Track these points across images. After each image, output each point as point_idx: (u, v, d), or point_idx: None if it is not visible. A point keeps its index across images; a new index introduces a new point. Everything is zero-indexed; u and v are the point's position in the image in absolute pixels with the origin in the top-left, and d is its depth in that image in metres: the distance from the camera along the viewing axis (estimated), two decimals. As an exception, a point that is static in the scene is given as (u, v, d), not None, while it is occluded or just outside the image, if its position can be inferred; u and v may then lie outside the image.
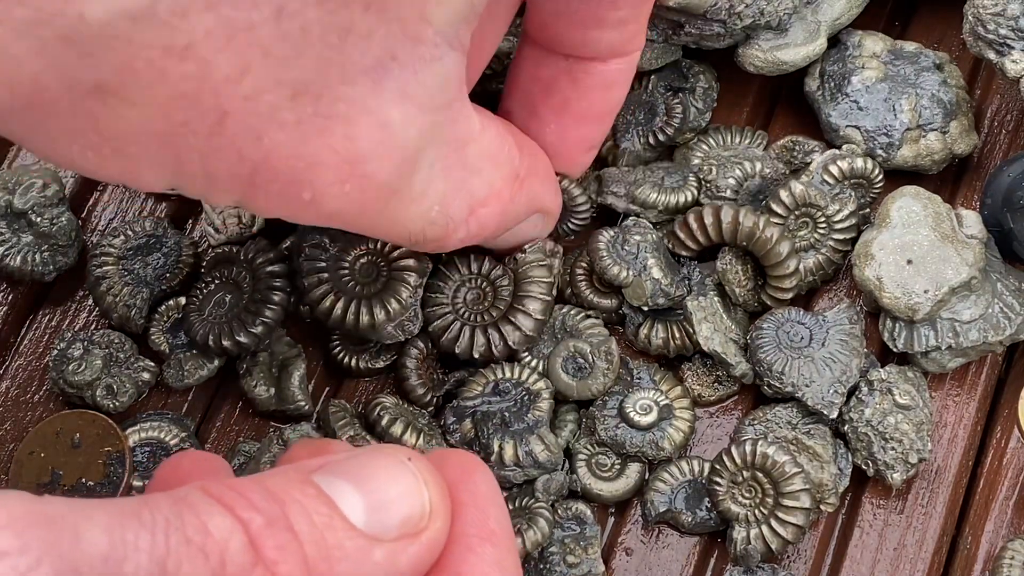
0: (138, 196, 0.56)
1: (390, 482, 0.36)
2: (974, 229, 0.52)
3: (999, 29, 0.52)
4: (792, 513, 0.49)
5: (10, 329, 0.54)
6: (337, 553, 0.34)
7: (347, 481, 0.36)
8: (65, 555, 0.30)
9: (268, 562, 0.33)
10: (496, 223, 0.47)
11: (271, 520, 0.33)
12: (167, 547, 0.31)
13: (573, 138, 0.49)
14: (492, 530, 0.37)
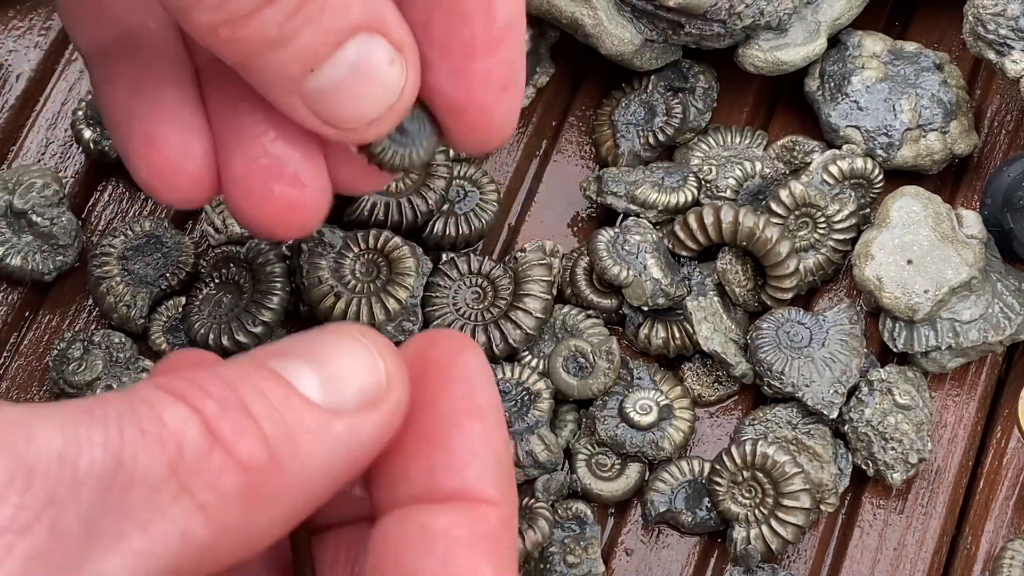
0: (138, 196, 0.56)
1: (344, 356, 0.36)
2: (974, 229, 0.52)
3: (999, 29, 0.52)
4: (792, 513, 0.49)
5: (10, 329, 0.54)
6: (297, 428, 0.34)
7: (300, 360, 0.35)
8: (20, 455, 0.30)
9: (226, 444, 0.33)
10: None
11: (225, 405, 0.33)
12: (121, 439, 0.31)
13: (471, 78, 0.41)
14: (480, 406, 0.37)
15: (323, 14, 0.37)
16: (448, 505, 0.36)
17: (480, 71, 0.40)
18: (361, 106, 0.39)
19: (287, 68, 0.38)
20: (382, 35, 0.38)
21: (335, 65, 0.38)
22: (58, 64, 0.58)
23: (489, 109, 0.41)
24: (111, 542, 0.31)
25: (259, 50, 0.37)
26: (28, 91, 0.58)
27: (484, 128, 0.42)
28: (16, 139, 0.57)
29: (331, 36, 0.37)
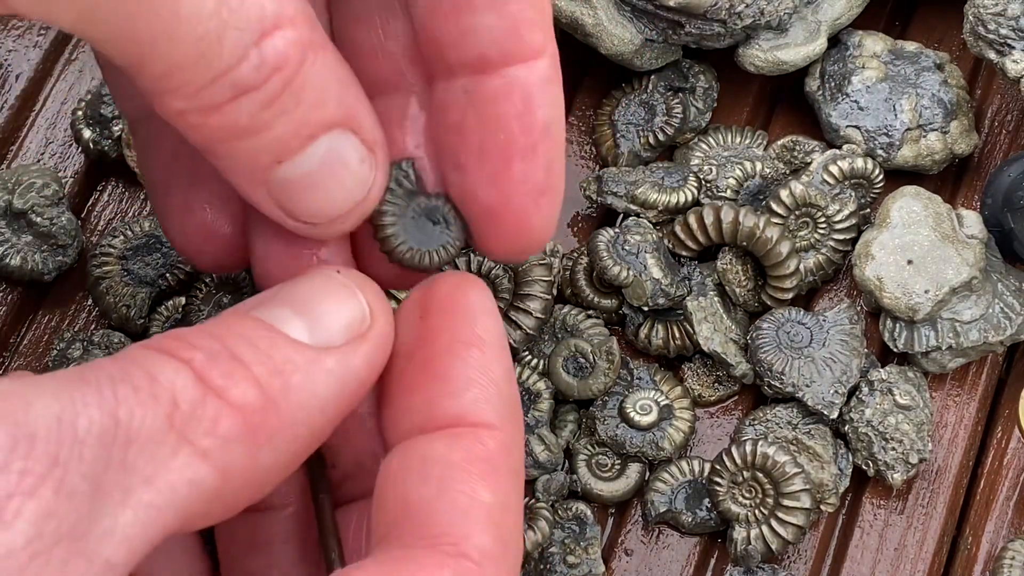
0: (137, 196, 0.56)
1: (324, 296, 0.36)
2: (974, 229, 0.52)
3: (1000, 29, 0.52)
4: (792, 513, 0.49)
5: (9, 329, 0.54)
6: (288, 367, 0.35)
7: (282, 306, 0.36)
8: (20, 422, 0.31)
9: (218, 390, 0.33)
10: (294, 68, 0.36)
11: (213, 354, 0.34)
12: (116, 399, 0.32)
13: (507, 183, 0.39)
14: (479, 336, 0.37)
15: (298, 107, 0.36)
16: (445, 432, 0.37)
17: (517, 175, 0.39)
18: (327, 202, 0.38)
19: (255, 157, 0.37)
20: (354, 133, 0.37)
21: (304, 158, 0.37)
22: (57, 64, 0.58)
23: (526, 215, 0.40)
24: (120, 498, 0.32)
25: (228, 137, 0.36)
26: (27, 91, 0.58)
27: (519, 235, 0.40)
28: (16, 139, 0.57)
29: (304, 129, 0.37)
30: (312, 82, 0.36)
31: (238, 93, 0.35)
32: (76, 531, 0.31)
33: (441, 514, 0.35)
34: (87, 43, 0.54)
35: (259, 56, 0.35)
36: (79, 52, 0.58)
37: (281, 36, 0.35)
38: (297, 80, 0.36)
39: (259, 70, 0.35)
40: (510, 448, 0.37)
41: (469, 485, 0.36)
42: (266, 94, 0.36)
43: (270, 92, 0.36)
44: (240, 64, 0.35)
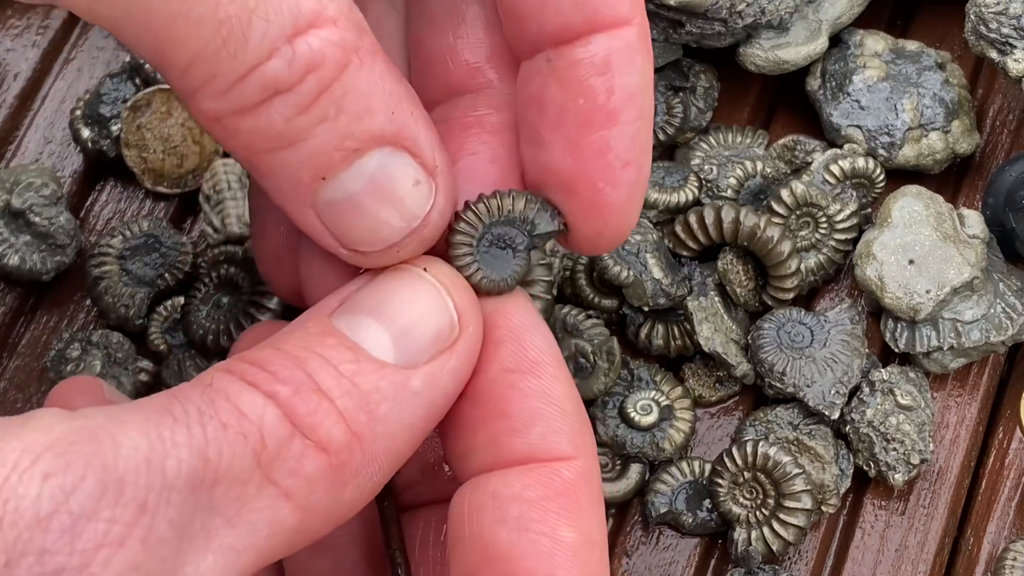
0: (136, 196, 0.56)
1: (411, 302, 0.35)
2: (976, 229, 0.52)
3: (1001, 28, 0.52)
4: (793, 514, 0.49)
5: (8, 329, 0.54)
6: (374, 397, 0.33)
7: (366, 315, 0.34)
8: (108, 465, 0.30)
9: (306, 429, 0.32)
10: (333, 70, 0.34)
11: (298, 387, 0.32)
12: (205, 437, 0.31)
13: (587, 150, 0.37)
14: (532, 360, 0.36)
15: (340, 115, 0.34)
16: (518, 468, 0.35)
17: (596, 142, 0.36)
18: (377, 227, 0.35)
19: (298, 172, 0.35)
20: (410, 153, 0.35)
21: (351, 176, 0.35)
22: (56, 63, 0.58)
23: (605, 187, 0.37)
24: (203, 542, 0.31)
25: (267, 147, 0.34)
26: (26, 90, 0.57)
27: (601, 210, 0.37)
28: (14, 138, 0.57)
29: (348, 142, 0.34)
30: (356, 89, 0.34)
31: (270, 93, 0.33)
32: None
33: (524, 559, 0.34)
34: (106, 32, 0.53)
35: (291, 52, 0.33)
36: (77, 51, 0.58)
37: (317, 35, 0.33)
38: (337, 85, 0.34)
39: (292, 68, 0.33)
40: (589, 475, 0.35)
41: (549, 525, 0.34)
42: (302, 95, 0.33)
43: (306, 94, 0.34)
44: (270, 59, 0.33)
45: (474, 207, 0.37)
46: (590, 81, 0.36)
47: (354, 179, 0.35)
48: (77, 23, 0.59)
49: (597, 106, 0.37)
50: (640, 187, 0.37)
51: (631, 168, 0.37)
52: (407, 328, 0.35)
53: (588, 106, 0.37)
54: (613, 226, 0.38)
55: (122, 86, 0.56)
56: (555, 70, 0.37)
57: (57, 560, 0.29)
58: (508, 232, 0.37)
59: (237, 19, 0.32)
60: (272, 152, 0.34)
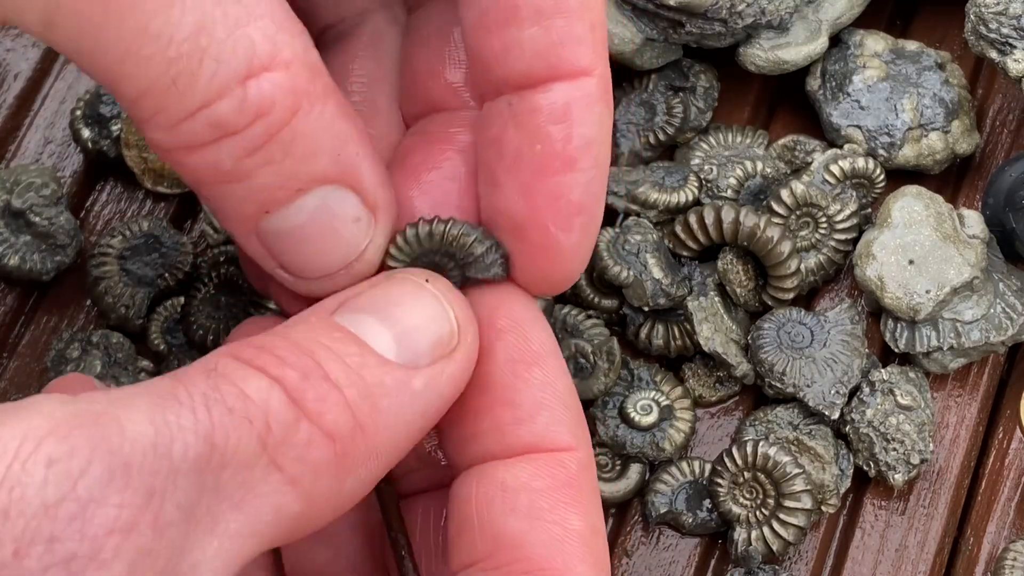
0: (136, 196, 0.56)
1: (413, 308, 0.36)
2: (976, 229, 0.52)
3: (1001, 28, 0.52)
4: (793, 514, 0.49)
5: (7, 329, 0.54)
6: (378, 391, 0.34)
7: (370, 315, 0.35)
8: (114, 450, 0.30)
9: (312, 415, 0.33)
10: (282, 116, 0.34)
11: (306, 372, 0.33)
12: (211, 421, 0.31)
13: (540, 194, 0.37)
14: (536, 352, 0.37)
15: (285, 158, 0.35)
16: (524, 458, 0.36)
17: (551, 187, 0.37)
18: (317, 258, 0.36)
19: (242, 205, 0.36)
20: (353, 190, 0.36)
21: (293, 211, 0.36)
22: (56, 63, 0.58)
23: (557, 232, 0.38)
24: (208, 526, 0.31)
25: (213, 180, 0.35)
26: (26, 90, 0.57)
27: (550, 254, 0.38)
28: (14, 138, 0.57)
29: (291, 182, 0.35)
30: (304, 133, 0.35)
31: (219, 135, 0.34)
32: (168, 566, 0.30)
33: (536, 546, 0.35)
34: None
35: (242, 95, 0.34)
36: (78, 51, 0.58)
37: (269, 79, 0.34)
38: (286, 130, 0.34)
39: (241, 112, 0.34)
40: (588, 466, 0.36)
41: (560, 514, 0.35)
42: (249, 140, 0.34)
43: (253, 138, 0.34)
44: (220, 100, 0.34)
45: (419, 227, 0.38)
46: (548, 128, 0.37)
47: (295, 214, 0.36)
48: (77, 23, 0.59)
49: (554, 153, 0.37)
50: (591, 235, 0.38)
51: (583, 216, 0.38)
52: (410, 330, 0.35)
53: (545, 152, 0.37)
54: (560, 271, 0.38)
55: (122, 86, 0.56)
56: (515, 114, 0.37)
57: (67, 547, 0.29)
58: (444, 262, 0.38)
59: (188, 58, 0.33)
60: (218, 185, 0.35)
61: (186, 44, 0.33)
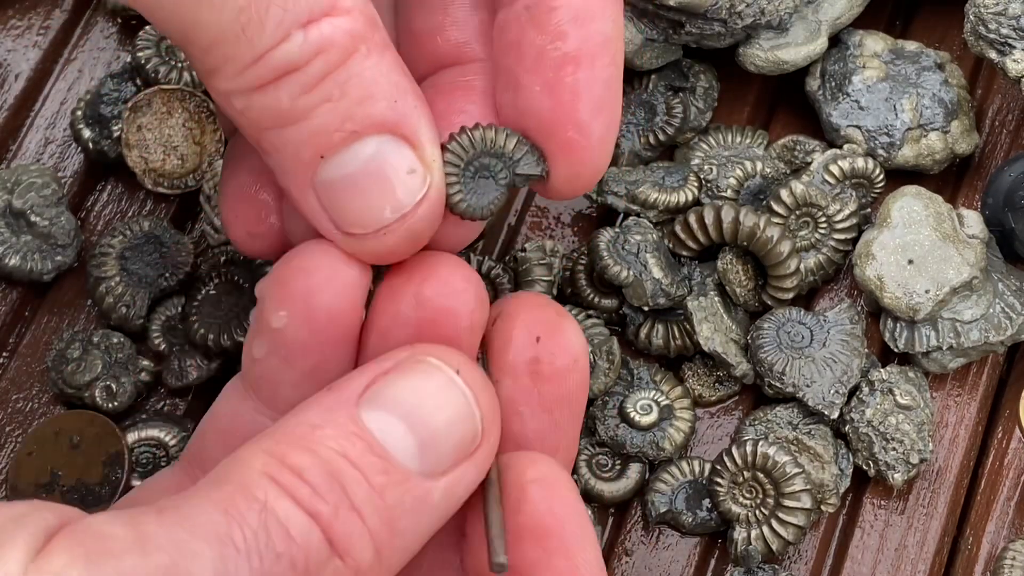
0: (137, 196, 0.56)
1: (441, 409, 0.36)
2: (975, 229, 0.52)
3: (1000, 28, 0.52)
4: (793, 513, 0.49)
5: (8, 329, 0.54)
6: (397, 511, 0.34)
7: (394, 416, 0.35)
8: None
9: (340, 551, 0.34)
10: (340, 55, 0.36)
11: (336, 506, 0.34)
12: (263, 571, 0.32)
13: (564, 92, 0.39)
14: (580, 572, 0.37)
15: (343, 98, 0.36)
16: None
17: (572, 84, 0.38)
18: (369, 208, 0.37)
19: (299, 150, 0.36)
20: (409, 143, 0.37)
21: (348, 157, 0.36)
22: (57, 63, 0.58)
23: (583, 128, 0.39)
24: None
25: (272, 124, 0.36)
26: (27, 90, 0.57)
27: (576, 151, 0.39)
28: (15, 139, 0.57)
29: (348, 124, 0.36)
30: (361, 75, 0.36)
31: (280, 73, 0.35)
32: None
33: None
34: (107, 32, 0.54)
35: (303, 37, 0.35)
36: (78, 52, 0.58)
37: (330, 23, 0.35)
38: (343, 69, 0.36)
39: (302, 50, 0.35)
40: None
41: None
42: (308, 76, 0.35)
43: (312, 74, 0.35)
44: (282, 44, 0.35)
45: (469, 132, 0.38)
46: (566, 27, 0.38)
47: (351, 160, 0.36)
48: (78, 24, 0.59)
49: (575, 50, 0.38)
50: (612, 130, 0.39)
51: (606, 111, 0.39)
52: (435, 436, 0.36)
53: (566, 50, 0.38)
54: (589, 166, 0.39)
55: (123, 86, 0.56)
56: (533, 16, 0.38)
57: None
58: (493, 164, 0.39)
59: (256, 6, 0.34)
60: (277, 129, 0.36)
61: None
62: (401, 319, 0.38)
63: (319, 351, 0.39)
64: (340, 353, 0.39)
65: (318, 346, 0.39)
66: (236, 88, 0.36)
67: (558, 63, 0.38)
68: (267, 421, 0.39)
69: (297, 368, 0.39)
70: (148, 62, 0.55)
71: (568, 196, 0.40)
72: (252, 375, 0.40)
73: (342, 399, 0.36)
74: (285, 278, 0.39)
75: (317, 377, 0.38)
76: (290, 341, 0.39)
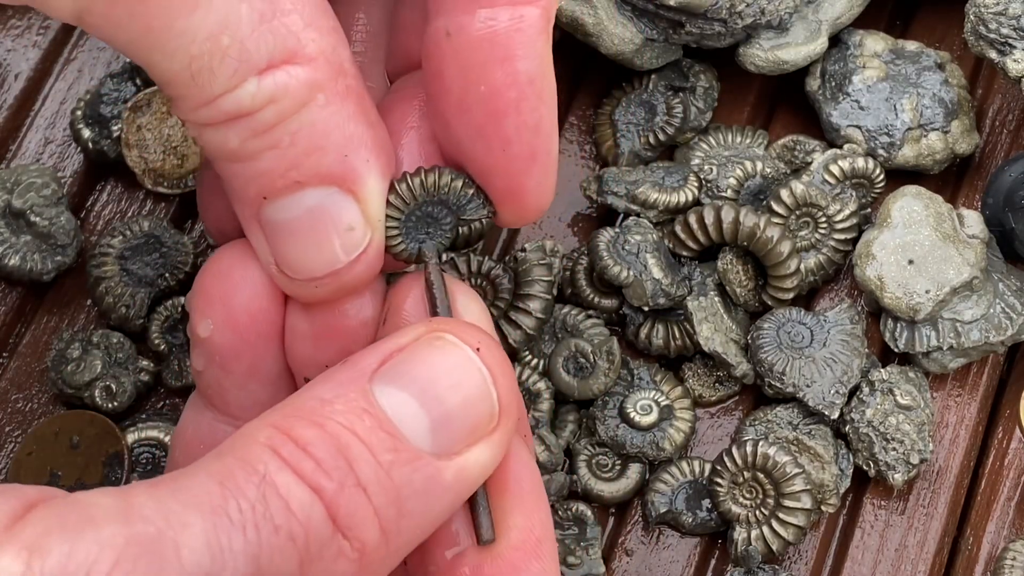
0: (137, 196, 0.56)
1: (455, 388, 0.35)
2: (975, 229, 0.52)
3: (1001, 28, 0.52)
4: (793, 514, 0.49)
5: (8, 329, 0.54)
6: (405, 491, 0.34)
7: (407, 393, 0.34)
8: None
9: (344, 529, 0.33)
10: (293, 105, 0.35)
11: (341, 482, 0.33)
12: (259, 542, 0.32)
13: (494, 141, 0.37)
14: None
15: (291, 146, 0.35)
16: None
17: (501, 135, 0.37)
18: (305, 258, 0.36)
19: (245, 186, 0.36)
20: (355, 197, 0.36)
21: (289, 204, 0.36)
22: (56, 63, 0.58)
23: (516, 178, 0.38)
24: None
25: (222, 157, 0.36)
26: (26, 90, 0.57)
27: (517, 199, 0.38)
28: (15, 139, 0.57)
29: (293, 172, 0.35)
30: (313, 125, 0.35)
31: (229, 117, 0.35)
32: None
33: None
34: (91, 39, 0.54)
35: (257, 85, 0.34)
36: (78, 52, 0.58)
37: (287, 71, 0.35)
38: (295, 118, 0.35)
39: (254, 99, 0.35)
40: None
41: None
42: (258, 122, 0.35)
43: (262, 121, 0.35)
44: (234, 90, 0.34)
45: (411, 182, 0.38)
46: (489, 67, 0.36)
47: (292, 207, 0.36)
48: (78, 23, 0.59)
49: (497, 95, 0.37)
50: (550, 169, 0.38)
51: (539, 159, 0.38)
52: (449, 415, 0.35)
53: (488, 95, 0.37)
54: (531, 208, 0.39)
55: (122, 86, 0.56)
56: (454, 47, 0.37)
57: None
58: (438, 211, 0.38)
59: (209, 55, 0.34)
60: (224, 162, 0.36)
61: (208, 42, 0.34)
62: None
63: (250, 351, 0.39)
64: (271, 350, 0.39)
65: (247, 347, 0.39)
66: (188, 120, 0.36)
67: (484, 111, 0.37)
68: (228, 428, 0.39)
69: (235, 372, 0.39)
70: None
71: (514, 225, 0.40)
72: (201, 387, 0.40)
73: (355, 374, 0.35)
74: (204, 286, 0.39)
75: (257, 378, 0.38)
76: (220, 347, 0.39)
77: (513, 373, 0.36)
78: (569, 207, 0.56)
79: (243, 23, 0.34)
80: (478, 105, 0.37)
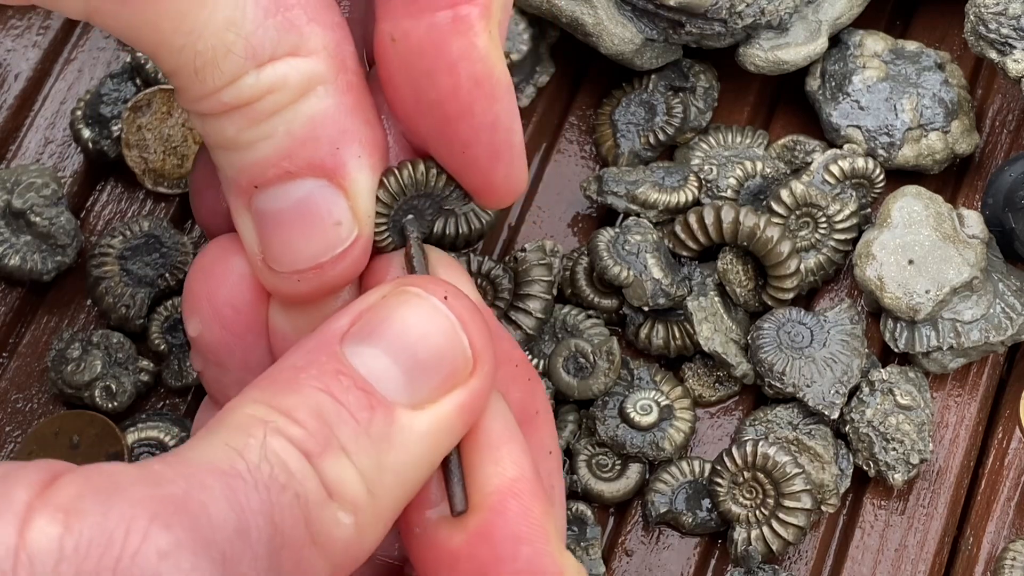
0: (137, 196, 0.56)
1: (424, 337, 0.35)
2: (975, 229, 0.52)
3: (1001, 28, 0.52)
4: (793, 514, 0.49)
5: (8, 329, 0.54)
6: (383, 447, 0.34)
7: (378, 348, 0.35)
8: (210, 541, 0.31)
9: (335, 494, 0.33)
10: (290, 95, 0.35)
11: (326, 444, 0.33)
12: (271, 501, 0.32)
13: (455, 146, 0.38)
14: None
15: (286, 136, 0.36)
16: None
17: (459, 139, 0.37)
18: (292, 248, 0.37)
19: (238, 174, 0.36)
20: (344, 193, 0.36)
21: (279, 194, 0.36)
22: (56, 63, 0.58)
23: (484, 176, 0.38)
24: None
25: (217, 145, 0.37)
26: (26, 90, 0.57)
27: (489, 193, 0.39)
28: (15, 139, 0.57)
29: (285, 162, 0.36)
30: (308, 116, 0.36)
31: (228, 108, 0.35)
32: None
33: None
34: (107, 33, 0.55)
35: (256, 76, 0.35)
36: (78, 52, 0.58)
37: (288, 63, 0.35)
38: (292, 108, 0.35)
39: (252, 89, 0.35)
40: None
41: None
42: (255, 111, 0.35)
43: (259, 111, 0.35)
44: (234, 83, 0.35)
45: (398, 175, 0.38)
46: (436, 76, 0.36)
47: (282, 197, 0.36)
48: (78, 23, 0.59)
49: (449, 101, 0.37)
50: (517, 160, 0.38)
51: (502, 155, 0.38)
52: (421, 364, 0.35)
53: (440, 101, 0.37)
54: (504, 195, 0.39)
55: (123, 86, 0.56)
56: (399, 53, 0.36)
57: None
58: (422, 203, 0.39)
59: (213, 51, 0.35)
60: (220, 150, 0.37)
61: (213, 39, 0.34)
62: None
63: (240, 346, 0.39)
64: (261, 343, 0.39)
65: (237, 341, 0.39)
66: (188, 109, 0.36)
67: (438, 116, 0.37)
68: None
69: (230, 368, 0.39)
70: (148, 62, 0.55)
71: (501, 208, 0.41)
72: (206, 387, 0.41)
73: (324, 339, 0.35)
74: (189, 285, 0.39)
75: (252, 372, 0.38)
76: (211, 345, 0.39)
77: (484, 321, 0.36)
78: (569, 207, 0.56)
79: (248, 19, 0.35)
80: (431, 110, 0.37)
